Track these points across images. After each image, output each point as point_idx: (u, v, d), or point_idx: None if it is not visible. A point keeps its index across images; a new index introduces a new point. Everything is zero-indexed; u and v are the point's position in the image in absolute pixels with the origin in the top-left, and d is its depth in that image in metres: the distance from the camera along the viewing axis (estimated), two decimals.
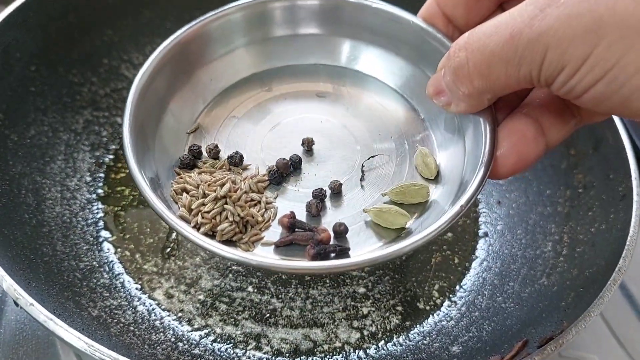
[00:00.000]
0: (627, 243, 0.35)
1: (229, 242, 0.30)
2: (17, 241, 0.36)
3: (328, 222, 0.31)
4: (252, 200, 0.31)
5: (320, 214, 0.31)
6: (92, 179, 0.45)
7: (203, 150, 0.33)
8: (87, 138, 0.46)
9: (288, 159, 0.32)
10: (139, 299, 0.39)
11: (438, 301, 0.41)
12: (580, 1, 0.21)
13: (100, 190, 0.44)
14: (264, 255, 0.29)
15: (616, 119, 0.41)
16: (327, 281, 0.41)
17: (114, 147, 0.47)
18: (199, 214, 0.29)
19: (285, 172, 0.32)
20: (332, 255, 0.29)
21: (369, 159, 0.34)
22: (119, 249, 0.42)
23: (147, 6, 0.50)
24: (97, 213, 0.43)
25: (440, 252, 0.44)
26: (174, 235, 0.43)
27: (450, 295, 0.42)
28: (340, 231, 0.30)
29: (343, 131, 0.35)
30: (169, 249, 0.42)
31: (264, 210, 0.31)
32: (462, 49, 0.25)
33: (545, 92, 0.28)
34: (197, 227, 0.29)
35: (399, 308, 0.41)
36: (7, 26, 0.41)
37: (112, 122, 0.48)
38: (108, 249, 0.41)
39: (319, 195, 0.31)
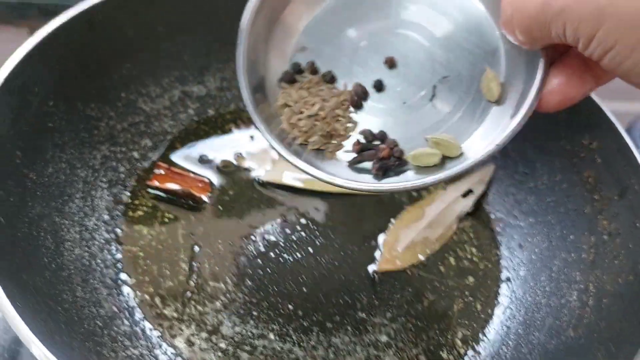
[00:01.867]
0: None
1: (317, 150, 0.36)
2: (37, 288, 0.35)
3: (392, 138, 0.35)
4: (337, 115, 0.36)
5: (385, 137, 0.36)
6: (110, 218, 0.44)
7: (303, 64, 0.38)
8: (105, 175, 0.45)
9: (363, 86, 0.36)
10: (160, 346, 0.38)
11: (461, 351, 0.41)
12: None
13: (118, 230, 0.44)
14: (338, 172, 0.35)
15: None
16: (349, 329, 0.41)
17: (131, 183, 0.46)
18: (295, 127, 0.36)
19: (363, 97, 0.36)
20: (392, 167, 0.34)
21: (442, 79, 0.36)
22: (138, 293, 0.41)
23: (166, 39, 0.49)
24: (116, 254, 0.42)
25: (462, 297, 0.44)
26: (193, 279, 0.42)
27: (474, 345, 0.41)
28: (396, 154, 0.34)
29: (423, 47, 0.37)
30: (188, 293, 0.41)
31: (346, 124, 0.36)
32: (509, 4, 0.29)
33: None
34: (294, 138, 0.36)
35: (422, 358, 0.40)
36: (26, 62, 0.40)
37: (129, 157, 0.47)
38: (127, 293, 0.41)
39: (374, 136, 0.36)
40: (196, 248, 0.44)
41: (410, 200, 0.49)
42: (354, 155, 0.35)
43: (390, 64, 0.37)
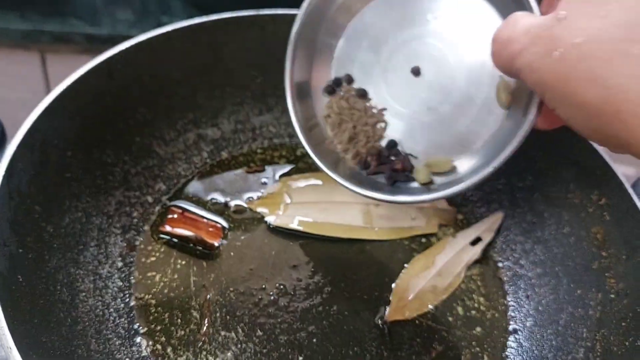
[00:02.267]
0: None
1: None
2: (55, 347, 0.36)
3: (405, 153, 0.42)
4: (367, 131, 0.43)
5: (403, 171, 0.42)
6: (124, 264, 0.45)
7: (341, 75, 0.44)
8: (119, 220, 0.46)
9: (383, 148, 0.43)
10: None
11: None
12: (533, 61, 0.29)
13: (131, 277, 0.44)
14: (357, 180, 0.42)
15: None
16: None
17: (145, 228, 0.47)
18: (336, 138, 0.43)
19: (378, 159, 0.43)
20: (403, 178, 0.42)
21: (463, 85, 0.40)
22: (150, 343, 0.41)
23: (181, 83, 0.50)
24: (129, 302, 0.43)
25: (470, 348, 0.44)
26: (204, 329, 0.43)
27: None
28: (407, 168, 0.42)
29: (447, 55, 0.40)
30: (200, 343, 0.42)
31: (378, 127, 0.43)
32: (494, 42, 0.32)
33: None
34: (337, 144, 0.43)
35: None
36: (47, 116, 0.41)
37: (143, 202, 0.48)
38: (139, 343, 0.41)
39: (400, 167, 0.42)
40: (208, 296, 0.44)
41: (420, 248, 0.49)
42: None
43: (416, 72, 0.42)
